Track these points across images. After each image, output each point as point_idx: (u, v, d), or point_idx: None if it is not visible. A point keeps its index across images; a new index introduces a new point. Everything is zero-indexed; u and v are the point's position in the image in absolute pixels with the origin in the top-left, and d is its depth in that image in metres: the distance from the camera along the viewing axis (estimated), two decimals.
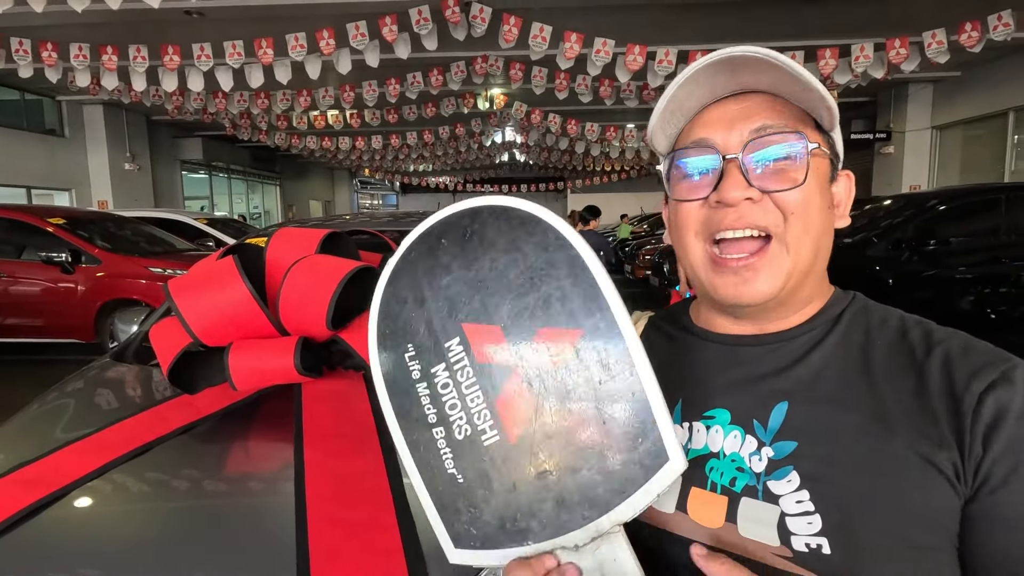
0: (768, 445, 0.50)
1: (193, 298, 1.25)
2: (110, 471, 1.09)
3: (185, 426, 1.21)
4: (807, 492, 0.47)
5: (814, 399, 0.50)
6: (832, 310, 0.55)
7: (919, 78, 9.19)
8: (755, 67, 0.49)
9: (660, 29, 6.62)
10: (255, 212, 16.98)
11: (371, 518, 0.96)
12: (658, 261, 7.65)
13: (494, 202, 0.49)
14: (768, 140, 0.50)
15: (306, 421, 1.21)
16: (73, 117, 10.56)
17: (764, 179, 0.50)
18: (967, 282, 4.72)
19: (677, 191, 0.55)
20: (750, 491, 0.50)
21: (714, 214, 0.52)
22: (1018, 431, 0.44)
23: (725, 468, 0.52)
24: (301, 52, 5.86)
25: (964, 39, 5.77)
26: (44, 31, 6.01)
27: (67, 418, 1.32)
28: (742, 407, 0.53)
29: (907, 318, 0.53)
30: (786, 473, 0.48)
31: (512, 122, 10.69)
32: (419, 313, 0.52)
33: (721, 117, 0.52)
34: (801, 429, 0.49)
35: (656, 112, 0.55)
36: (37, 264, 5.05)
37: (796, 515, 0.47)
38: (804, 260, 0.51)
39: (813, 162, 0.51)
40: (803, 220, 0.50)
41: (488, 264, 0.49)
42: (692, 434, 0.55)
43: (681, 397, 0.57)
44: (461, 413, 0.50)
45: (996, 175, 8.63)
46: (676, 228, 0.56)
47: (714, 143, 0.52)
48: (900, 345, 0.51)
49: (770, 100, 0.52)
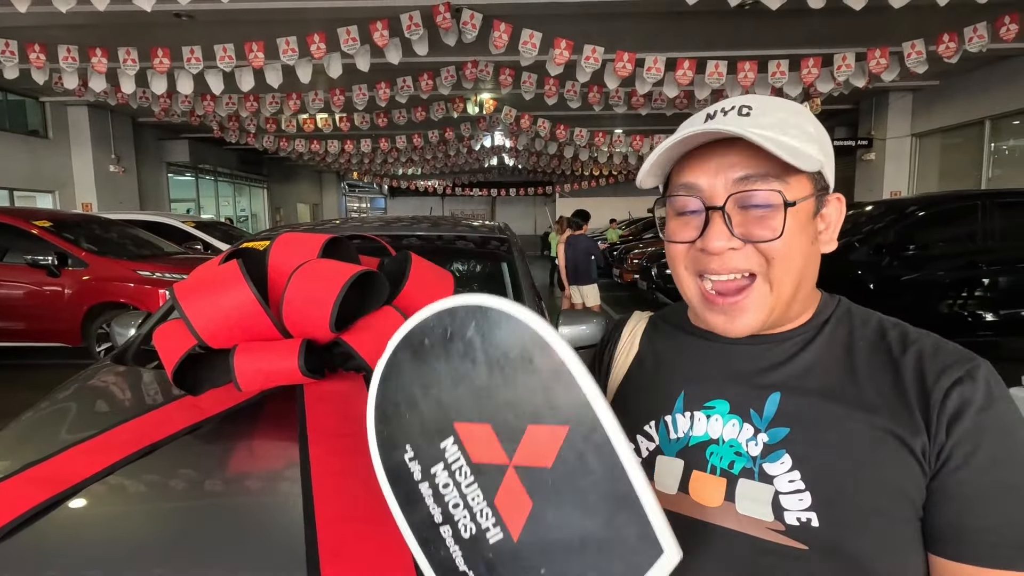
0: (763, 431, 0.56)
1: (199, 301, 1.28)
2: (118, 470, 1.11)
3: (190, 426, 1.24)
4: (798, 472, 0.53)
5: (804, 391, 0.56)
6: (821, 315, 0.61)
7: (899, 87, 9.42)
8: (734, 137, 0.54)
9: (649, 37, 6.72)
10: (242, 215, 16.85)
11: (377, 513, 1.00)
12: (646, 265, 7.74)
13: (469, 302, 0.49)
14: (749, 195, 0.55)
15: (310, 421, 1.24)
16: (57, 118, 10.43)
17: (746, 227, 0.56)
18: (945, 286, 4.85)
19: (668, 231, 0.62)
20: (747, 473, 0.56)
21: (700, 256, 0.58)
22: (977, 421, 0.51)
23: (724, 453, 0.58)
24: (292, 56, 5.86)
25: (942, 50, 5.94)
26: (31, 32, 5.95)
27: (72, 419, 1.34)
28: (740, 398, 0.59)
29: (885, 320, 0.60)
30: (779, 456, 0.55)
31: (501, 126, 10.75)
32: (413, 415, 0.53)
33: (706, 163, 0.57)
34: (793, 417, 0.56)
35: (646, 166, 0.60)
36: (22, 267, 4.99)
37: (788, 493, 0.53)
38: (786, 294, 0.57)
39: (792, 210, 0.55)
40: (785, 263, 0.56)
41: (471, 364, 0.49)
42: (694, 422, 0.60)
43: (684, 390, 0.62)
44: (464, 512, 0.51)
45: (973, 181, 8.86)
46: (670, 260, 0.63)
47: (700, 189, 0.57)
48: (880, 344, 0.57)
49: (753, 149, 0.55)
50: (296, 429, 1.21)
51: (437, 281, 1.59)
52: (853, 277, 4.80)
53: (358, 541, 0.94)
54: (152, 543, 0.98)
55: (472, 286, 2.36)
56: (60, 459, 1.14)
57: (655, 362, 0.68)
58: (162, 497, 1.07)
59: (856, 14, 5.17)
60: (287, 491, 1.05)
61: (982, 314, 4.78)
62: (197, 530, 0.99)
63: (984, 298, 4.79)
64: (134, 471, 1.12)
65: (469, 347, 0.49)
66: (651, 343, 0.70)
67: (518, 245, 2.30)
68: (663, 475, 0.60)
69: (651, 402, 0.64)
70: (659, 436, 0.62)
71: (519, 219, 23.02)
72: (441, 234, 2.30)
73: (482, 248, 2.30)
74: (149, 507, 1.06)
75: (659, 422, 0.62)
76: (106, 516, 1.04)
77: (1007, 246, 4.77)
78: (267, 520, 1.02)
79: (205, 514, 1.03)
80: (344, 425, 1.24)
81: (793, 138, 0.55)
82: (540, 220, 23.84)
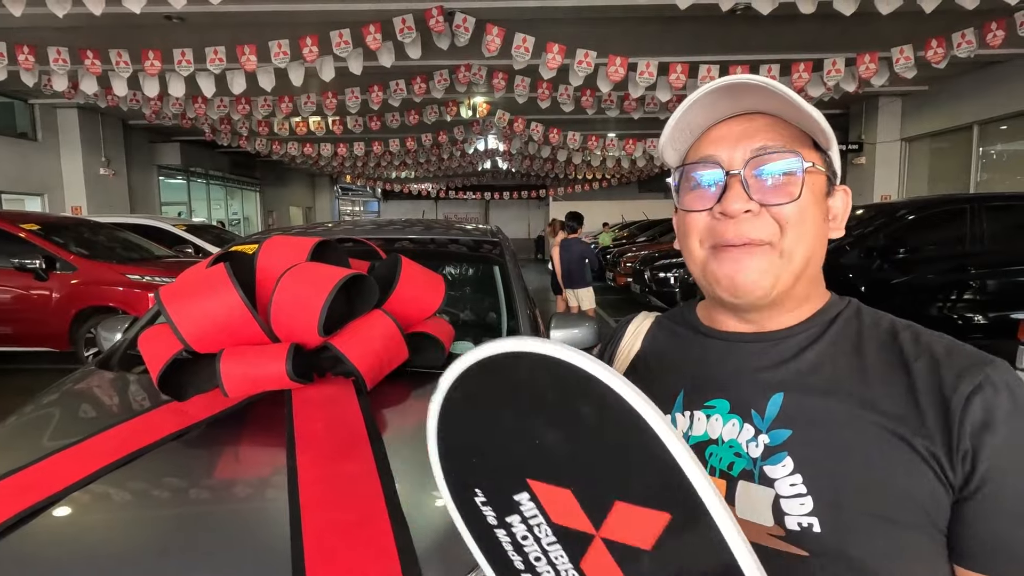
0: (764, 432, 0.55)
1: (185, 305, 1.27)
2: (101, 478, 1.09)
3: (176, 432, 1.22)
4: (800, 476, 0.52)
5: (808, 390, 0.55)
6: (828, 312, 0.59)
7: (888, 92, 9.50)
8: (756, 92, 0.55)
9: (641, 41, 6.75)
10: (234, 218, 16.75)
11: (364, 520, 0.98)
12: (639, 268, 7.75)
13: (538, 350, 0.41)
14: (767, 158, 0.55)
15: (297, 426, 1.22)
16: (46, 121, 10.32)
17: (763, 193, 0.55)
18: (935, 289, 4.89)
19: (684, 201, 0.60)
20: (747, 475, 0.54)
21: (716, 225, 0.57)
22: (1008, 433, 0.49)
23: (724, 454, 0.56)
24: (284, 59, 5.84)
25: (930, 55, 6.00)
26: (20, 33, 5.89)
27: (55, 425, 1.32)
28: (741, 397, 0.57)
29: (897, 321, 0.58)
30: (781, 458, 0.53)
31: (495, 130, 10.76)
32: (481, 462, 0.47)
33: (726, 136, 0.58)
34: (795, 418, 0.54)
35: (666, 130, 0.60)
36: (9, 271, 4.93)
37: (789, 497, 0.52)
38: (795, 264, 0.56)
39: (808, 178, 0.55)
40: (798, 230, 0.55)
41: (542, 421, 0.42)
42: (693, 422, 0.59)
43: (683, 388, 0.61)
44: (547, 567, 0.46)
45: (962, 185, 8.94)
46: (682, 235, 0.61)
47: (719, 159, 0.57)
48: (891, 345, 0.55)
49: (771, 121, 0.57)
50: (284, 435, 1.20)
51: (428, 285, 1.58)
52: (844, 280, 4.83)
53: (345, 550, 0.93)
54: (134, 552, 0.96)
55: (464, 290, 2.35)
56: (41, 467, 1.12)
57: (656, 360, 0.67)
58: (145, 505, 1.05)
59: (846, 20, 5.21)
60: (273, 499, 1.04)
61: (971, 317, 4.81)
62: (181, 539, 0.98)
63: (973, 301, 4.83)
64: (117, 479, 1.10)
65: (539, 402, 0.42)
66: (654, 341, 0.70)
67: (511, 248, 2.29)
68: None
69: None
70: None
71: (513, 222, 23.03)
72: (432, 238, 2.29)
73: (474, 252, 2.29)
74: (131, 515, 1.04)
75: None
76: (87, 525, 1.02)
77: (996, 249, 4.82)
78: (253, 529, 1.00)
79: (189, 523, 1.01)
80: (332, 431, 1.22)
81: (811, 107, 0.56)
82: (534, 223, 23.88)
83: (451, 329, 1.62)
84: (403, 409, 1.41)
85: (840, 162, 0.62)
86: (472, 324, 2.14)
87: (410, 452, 1.22)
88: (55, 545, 0.96)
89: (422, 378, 1.50)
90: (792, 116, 0.56)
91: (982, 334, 4.79)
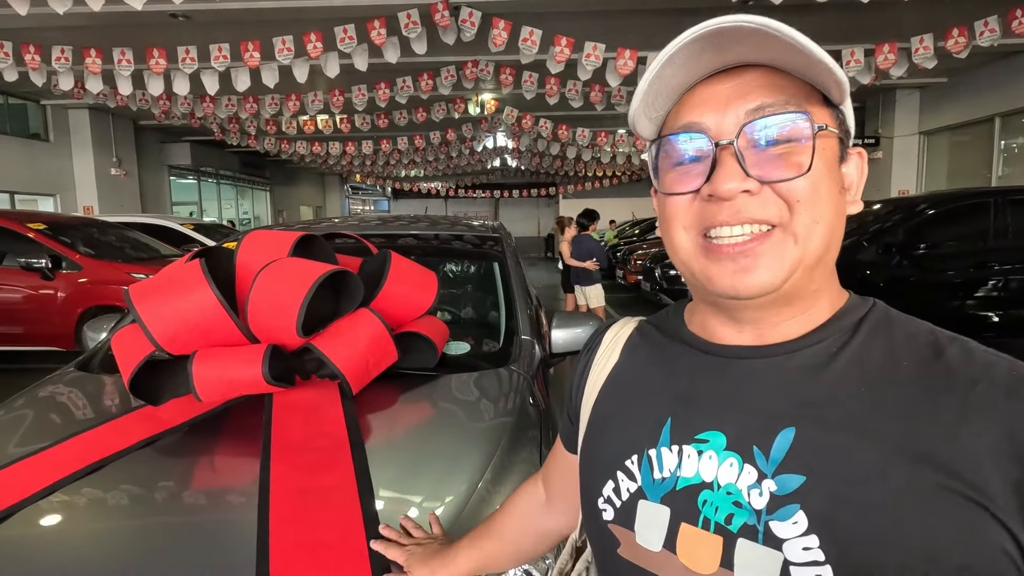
0: (770, 478, 0.43)
1: (156, 304, 1.19)
2: (65, 487, 1.02)
3: (147, 439, 1.14)
4: (816, 537, 0.40)
5: (827, 425, 0.43)
6: (847, 318, 0.47)
7: (907, 84, 9.27)
8: (749, 39, 0.43)
9: (650, 34, 6.62)
10: (245, 218, 16.83)
11: (338, 538, 0.90)
12: (649, 266, 7.63)
13: None
14: (767, 122, 0.44)
15: (275, 434, 1.14)
16: (58, 121, 10.41)
17: (763, 167, 0.44)
18: (955, 286, 4.73)
19: (665, 182, 0.48)
20: (748, 531, 0.43)
21: (707, 208, 0.46)
22: None
23: (720, 502, 0.45)
24: (288, 55, 5.79)
25: (951, 45, 5.81)
26: (26, 33, 5.91)
27: (24, 431, 1.25)
28: (740, 430, 0.45)
29: (939, 333, 0.45)
30: (791, 513, 0.41)
31: (503, 127, 10.67)
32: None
33: (712, 96, 0.46)
34: (811, 461, 0.42)
35: (638, 94, 0.48)
36: (16, 270, 4.93)
37: (802, 564, 0.40)
38: (814, 251, 0.44)
39: (820, 143, 0.44)
40: (812, 209, 0.44)
41: None
42: (682, 460, 0.47)
43: (670, 415, 0.49)
44: None
45: (983, 180, 8.69)
46: (664, 222, 0.50)
47: (705, 127, 0.45)
48: (934, 366, 0.42)
49: (768, 74, 0.45)
50: (259, 443, 1.12)
51: (419, 282, 1.50)
52: (861, 277, 4.68)
53: (313, 570, 0.85)
54: (95, 565, 0.89)
55: (463, 287, 2.27)
56: (2, 475, 1.05)
57: (637, 377, 0.56)
58: (105, 518, 0.98)
59: (863, 9, 5.05)
60: (242, 515, 0.96)
61: (993, 314, 4.65)
62: (143, 555, 0.90)
63: (995, 298, 4.66)
64: (80, 489, 1.03)
65: None
66: (633, 353, 0.57)
67: (512, 244, 2.20)
68: (645, 526, 0.48)
69: (632, 429, 0.52)
70: (641, 475, 0.49)
71: (522, 220, 22.94)
72: (430, 233, 2.20)
73: (473, 248, 2.20)
74: (89, 528, 0.97)
75: (642, 456, 0.50)
76: (42, 537, 0.95)
77: (1019, 245, 4.64)
78: (216, 546, 0.92)
79: (149, 538, 0.94)
80: (311, 439, 1.14)
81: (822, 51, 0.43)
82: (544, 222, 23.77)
83: (445, 328, 1.54)
84: (390, 415, 1.32)
85: (853, 118, 0.49)
86: (469, 323, 2.05)
87: (395, 462, 1.13)
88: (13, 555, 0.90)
89: (412, 381, 1.41)
90: (796, 65, 0.44)
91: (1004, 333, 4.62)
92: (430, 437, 1.23)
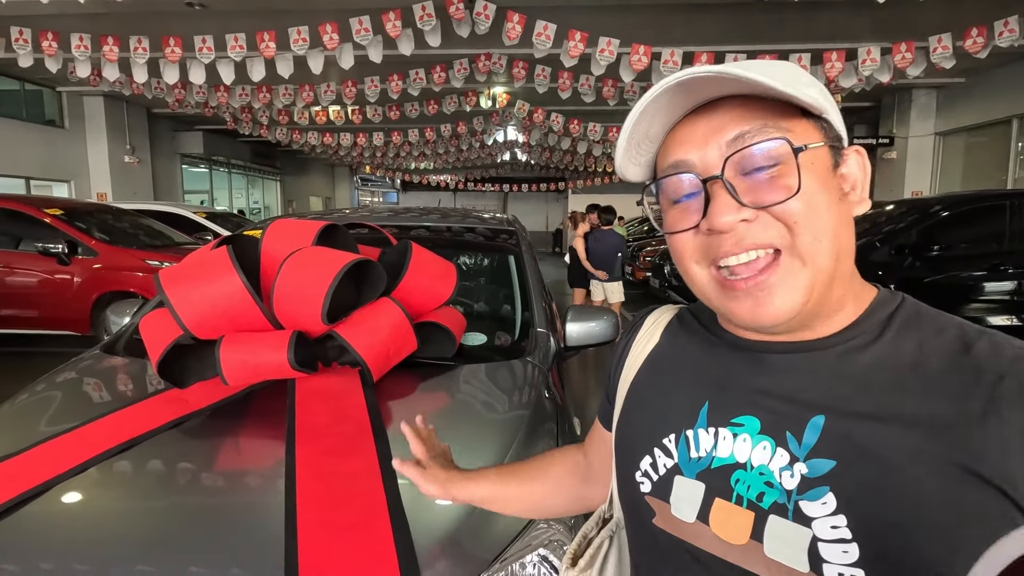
0: (802, 461, 0.45)
1: (185, 289, 1.22)
2: (95, 466, 1.05)
3: (174, 421, 1.17)
4: (844, 517, 0.43)
5: (856, 414, 0.45)
6: (877, 315, 0.49)
7: (923, 84, 9.15)
8: (712, 82, 0.45)
9: (665, 30, 6.58)
10: (255, 207, 16.92)
11: (363, 521, 0.92)
12: (659, 263, 7.62)
13: None
14: (748, 150, 0.45)
15: (299, 418, 1.17)
16: (73, 108, 10.49)
17: (755, 193, 0.45)
18: (969, 288, 4.69)
19: (667, 222, 0.51)
20: (779, 509, 0.45)
21: (709, 241, 0.48)
22: None
23: (752, 481, 0.47)
24: (303, 46, 5.81)
25: (970, 45, 5.73)
26: (45, 20, 5.95)
27: (53, 411, 1.28)
28: (774, 417, 0.48)
29: (968, 327, 0.46)
30: (821, 494, 0.44)
31: (514, 121, 10.64)
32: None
33: (691, 134, 0.48)
34: (840, 447, 0.44)
35: (620, 147, 0.51)
36: (33, 255, 5.00)
37: (830, 541, 0.43)
38: (824, 268, 0.46)
39: (806, 159, 0.45)
40: (811, 227, 0.45)
41: None
42: (718, 441, 0.50)
43: (708, 399, 0.52)
44: None
45: (998, 182, 8.59)
46: (676, 259, 0.52)
47: (691, 164, 0.48)
48: (963, 360, 0.44)
49: (740, 102, 0.47)
50: (284, 427, 1.14)
51: (438, 272, 1.52)
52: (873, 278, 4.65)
53: (342, 551, 0.87)
54: (126, 541, 0.92)
55: (478, 280, 2.29)
56: (34, 453, 1.08)
57: (676, 362, 0.58)
58: (135, 496, 1.01)
59: (881, 7, 5.00)
60: (270, 495, 0.99)
61: (1008, 319, 4.61)
62: (173, 534, 0.93)
63: (1011, 303, 4.63)
64: (110, 468, 1.06)
65: None
66: (673, 337, 0.60)
67: (527, 238, 2.22)
68: (680, 499, 0.51)
69: (670, 410, 0.55)
70: (678, 452, 0.52)
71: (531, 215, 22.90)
72: (446, 225, 2.22)
73: (489, 241, 2.22)
74: (120, 506, 1.00)
75: (679, 436, 0.53)
76: (76, 514, 0.98)
77: None
78: (246, 525, 0.95)
79: (180, 516, 0.97)
80: (335, 423, 1.17)
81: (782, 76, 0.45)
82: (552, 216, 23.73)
83: (463, 319, 1.56)
84: (410, 402, 1.35)
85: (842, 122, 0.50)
86: (486, 315, 2.07)
87: None
88: (46, 532, 0.93)
89: (430, 370, 1.44)
90: (764, 93, 0.46)
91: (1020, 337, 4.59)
92: (449, 426, 1.25)
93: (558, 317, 2.03)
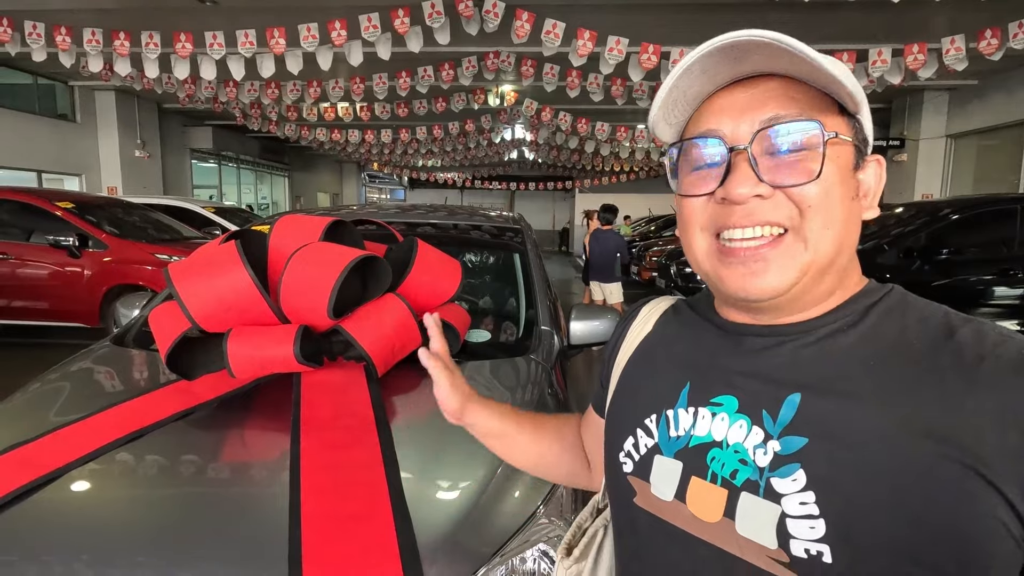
0: (775, 439, 0.46)
1: (194, 283, 1.23)
2: (103, 455, 1.07)
3: (181, 412, 1.19)
4: (812, 493, 0.43)
5: (832, 393, 0.45)
6: (861, 301, 0.50)
7: (935, 86, 9.07)
8: (762, 51, 0.45)
9: (675, 29, 6.56)
10: (263, 203, 17.00)
11: (366, 512, 0.94)
12: (665, 263, 7.61)
13: None
14: (780, 129, 0.46)
15: (304, 411, 1.19)
16: (85, 103, 10.58)
17: (776, 172, 0.46)
18: (978, 293, 4.66)
19: (682, 185, 0.52)
20: (751, 486, 0.46)
21: (720, 210, 0.49)
22: None
23: (727, 459, 0.48)
24: (313, 43, 5.84)
25: (983, 47, 5.68)
26: (58, 15, 6.01)
27: (63, 400, 1.31)
28: (751, 396, 0.49)
29: (953, 314, 0.47)
30: (792, 471, 0.45)
31: (522, 119, 10.63)
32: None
33: (730, 105, 0.49)
34: (813, 425, 0.45)
35: (657, 101, 0.51)
36: (44, 247, 5.06)
37: (798, 517, 0.44)
38: (824, 255, 0.47)
39: (832, 151, 0.46)
40: (823, 214, 0.46)
41: None
42: (696, 420, 0.52)
43: (689, 380, 0.54)
44: None
45: (1010, 186, 8.50)
46: (682, 223, 0.53)
47: (722, 133, 0.48)
48: (945, 345, 0.44)
49: (784, 85, 0.47)
50: (289, 419, 1.16)
51: (444, 270, 1.53)
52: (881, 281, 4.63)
53: (345, 542, 0.89)
54: (132, 529, 0.94)
55: (484, 277, 2.30)
56: (45, 441, 1.10)
57: (664, 348, 0.60)
58: (143, 485, 1.03)
59: (893, 7, 4.96)
60: (275, 485, 1.00)
61: (1016, 324, 4.58)
62: (179, 522, 0.95)
63: (1019, 307, 4.59)
64: (118, 457, 1.08)
65: None
66: (665, 327, 0.62)
67: (532, 236, 2.22)
68: (659, 478, 0.52)
69: (654, 392, 0.56)
70: (659, 432, 0.54)
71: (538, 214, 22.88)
72: (452, 223, 2.24)
73: (495, 239, 2.23)
74: (131, 493, 1.02)
75: (660, 416, 0.54)
76: (84, 502, 1.00)
77: None
78: (252, 515, 0.97)
79: (188, 506, 0.99)
80: (339, 417, 1.18)
81: (830, 61, 0.46)
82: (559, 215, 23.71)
83: (467, 316, 1.57)
84: (414, 397, 1.36)
85: (871, 127, 0.52)
86: (490, 312, 2.08)
87: (419, 442, 1.17)
88: (55, 520, 0.95)
89: None
90: (809, 75, 0.47)
91: None
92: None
93: (562, 315, 2.04)
